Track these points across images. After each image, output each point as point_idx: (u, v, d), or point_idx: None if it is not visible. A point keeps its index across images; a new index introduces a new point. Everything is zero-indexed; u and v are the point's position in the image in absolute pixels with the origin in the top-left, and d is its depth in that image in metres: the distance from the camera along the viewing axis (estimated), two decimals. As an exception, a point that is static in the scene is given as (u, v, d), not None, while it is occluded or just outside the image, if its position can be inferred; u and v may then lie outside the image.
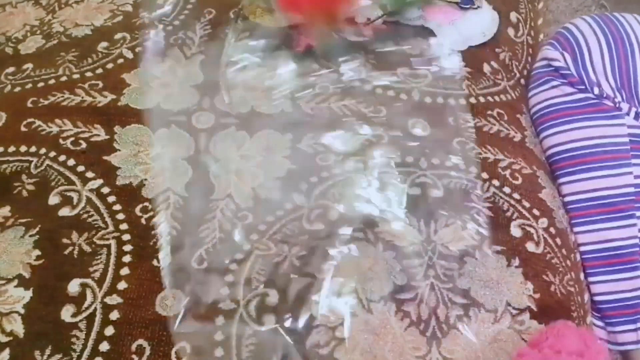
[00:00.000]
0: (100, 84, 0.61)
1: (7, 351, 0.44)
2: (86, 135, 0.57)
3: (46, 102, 0.60)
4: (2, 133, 0.58)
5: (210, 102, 0.60)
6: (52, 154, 0.55)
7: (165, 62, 0.63)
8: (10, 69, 0.65)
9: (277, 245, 0.49)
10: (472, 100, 0.61)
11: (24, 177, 0.54)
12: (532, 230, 0.52)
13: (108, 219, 0.51)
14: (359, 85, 0.61)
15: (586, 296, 0.56)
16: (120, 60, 0.64)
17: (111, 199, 0.52)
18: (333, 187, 0.53)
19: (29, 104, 0.60)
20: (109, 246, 0.49)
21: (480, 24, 0.68)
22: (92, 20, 0.70)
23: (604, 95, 0.60)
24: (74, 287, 0.47)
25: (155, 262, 0.48)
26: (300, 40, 0.65)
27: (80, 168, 0.54)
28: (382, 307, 0.46)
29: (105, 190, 0.53)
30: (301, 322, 0.45)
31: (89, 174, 0.54)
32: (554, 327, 0.33)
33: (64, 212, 0.51)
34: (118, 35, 0.67)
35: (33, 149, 0.56)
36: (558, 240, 0.53)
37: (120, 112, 0.58)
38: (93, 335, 0.45)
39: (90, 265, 0.48)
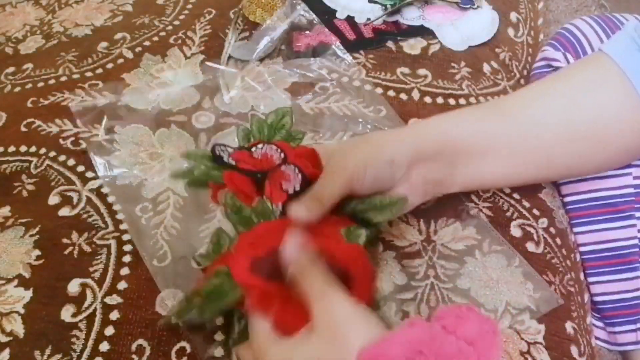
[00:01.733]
0: (100, 84, 0.62)
1: (7, 351, 0.44)
2: (86, 135, 0.57)
3: (46, 102, 0.60)
4: (2, 133, 0.58)
5: (210, 102, 0.60)
6: (52, 154, 0.55)
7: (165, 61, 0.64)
8: (10, 69, 0.65)
9: (277, 245, 0.49)
10: (472, 100, 0.61)
11: (24, 177, 0.54)
12: (532, 230, 0.52)
13: (108, 219, 0.51)
14: (359, 85, 0.61)
15: (586, 296, 0.56)
16: (120, 60, 0.64)
17: (111, 198, 0.52)
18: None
19: (29, 104, 0.60)
20: (109, 246, 0.49)
21: (480, 24, 0.68)
22: (92, 20, 0.70)
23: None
24: (74, 287, 0.47)
25: (155, 262, 0.48)
26: (300, 39, 0.65)
27: (80, 168, 0.54)
28: (382, 307, 0.46)
29: (106, 190, 0.53)
30: None
31: (89, 174, 0.54)
32: (458, 308, 0.33)
33: (64, 212, 0.52)
34: (118, 35, 0.67)
35: (33, 149, 0.56)
36: (558, 240, 0.53)
37: (120, 112, 0.59)
38: (93, 335, 0.45)
39: (90, 265, 0.48)
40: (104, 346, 0.44)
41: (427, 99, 0.60)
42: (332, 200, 0.42)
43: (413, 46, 0.65)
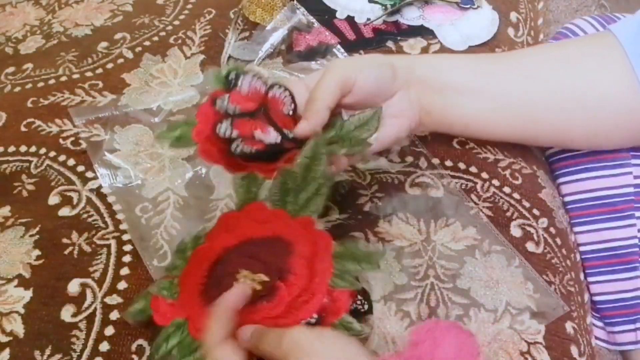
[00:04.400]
0: (100, 84, 0.62)
1: (7, 351, 0.44)
2: (86, 135, 0.57)
3: (46, 102, 0.60)
4: (2, 133, 0.58)
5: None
6: (52, 154, 0.56)
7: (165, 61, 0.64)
8: (10, 69, 0.65)
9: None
10: (472, 100, 0.61)
11: (24, 177, 0.54)
12: (532, 230, 0.52)
13: (108, 219, 0.51)
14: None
15: (586, 296, 0.56)
16: (120, 60, 0.64)
17: (111, 198, 0.52)
18: (333, 187, 0.52)
19: (29, 104, 0.60)
20: (109, 246, 0.49)
21: (480, 23, 0.68)
22: (92, 20, 0.70)
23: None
24: (74, 287, 0.47)
25: (155, 262, 0.48)
26: (300, 40, 0.65)
27: (80, 168, 0.54)
28: (382, 307, 0.46)
29: (106, 190, 0.53)
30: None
31: (89, 174, 0.54)
32: (435, 327, 0.32)
33: (64, 212, 0.52)
34: (118, 35, 0.67)
35: (33, 149, 0.56)
36: (558, 240, 0.53)
37: (120, 112, 0.59)
38: (93, 335, 0.45)
39: (90, 265, 0.48)
40: (104, 346, 0.44)
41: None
42: (327, 99, 0.42)
43: (413, 46, 0.65)
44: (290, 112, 0.44)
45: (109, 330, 0.45)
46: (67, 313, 0.46)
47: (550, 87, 0.49)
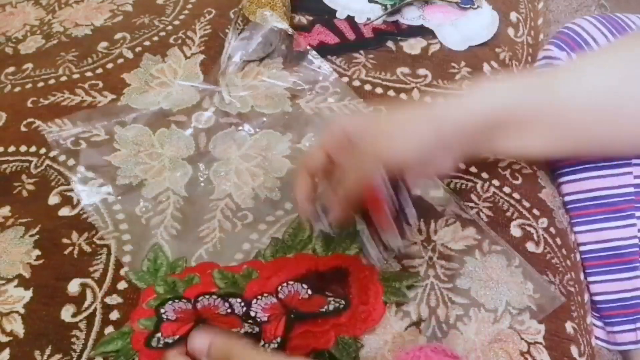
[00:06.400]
0: (100, 84, 0.62)
1: (7, 351, 0.44)
2: (86, 135, 0.57)
3: (46, 102, 0.60)
4: (2, 133, 0.58)
5: (210, 102, 0.60)
6: (52, 154, 0.56)
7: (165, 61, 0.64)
8: (10, 69, 0.65)
9: (277, 245, 0.49)
10: (472, 100, 0.61)
11: (24, 177, 0.54)
12: (532, 230, 0.52)
13: (108, 219, 0.51)
14: (359, 85, 0.61)
15: (586, 296, 0.56)
16: (120, 60, 0.64)
17: (111, 198, 0.52)
18: (333, 187, 0.52)
19: (29, 104, 0.60)
20: (109, 246, 0.49)
21: (480, 23, 0.68)
22: (92, 20, 0.70)
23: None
24: (74, 287, 0.47)
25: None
26: (300, 40, 0.65)
27: (81, 168, 0.54)
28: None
29: (105, 190, 0.53)
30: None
31: (89, 174, 0.54)
32: (417, 358, 0.35)
33: (64, 212, 0.52)
34: (118, 35, 0.67)
35: (33, 149, 0.56)
36: (558, 240, 0.53)
37: (120, 112, 0.59)
38: (93, 335, 0.45)
39: (90, 265, 0.48)
40: (104, 346, 0.44)
41: (428, 99, 0.60)
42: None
43: (413, 46, 0.65)
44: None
45: (109, 330, 0.45)
46: (67, 313, 0.46)
47: (607, 107, 0.45)
